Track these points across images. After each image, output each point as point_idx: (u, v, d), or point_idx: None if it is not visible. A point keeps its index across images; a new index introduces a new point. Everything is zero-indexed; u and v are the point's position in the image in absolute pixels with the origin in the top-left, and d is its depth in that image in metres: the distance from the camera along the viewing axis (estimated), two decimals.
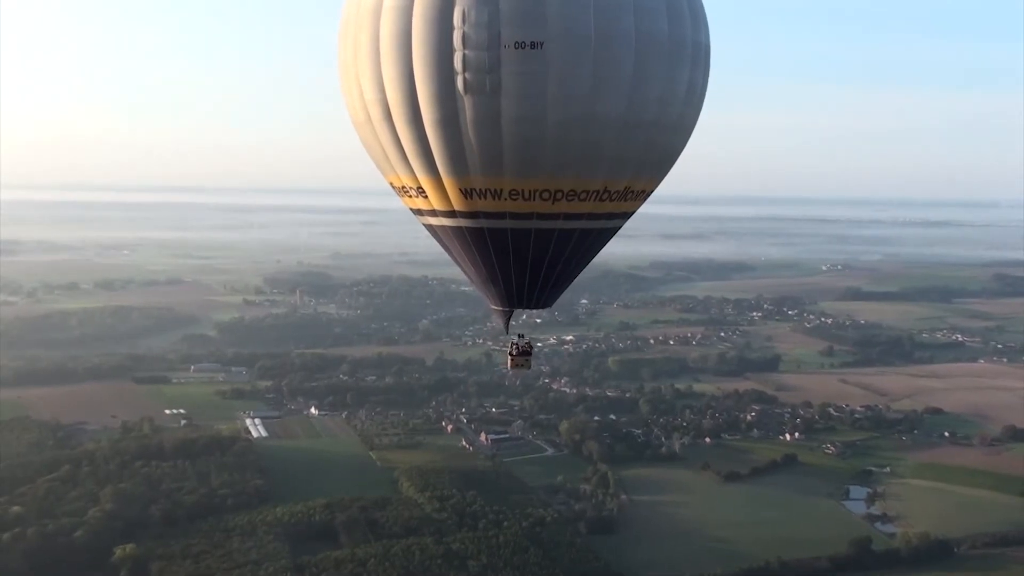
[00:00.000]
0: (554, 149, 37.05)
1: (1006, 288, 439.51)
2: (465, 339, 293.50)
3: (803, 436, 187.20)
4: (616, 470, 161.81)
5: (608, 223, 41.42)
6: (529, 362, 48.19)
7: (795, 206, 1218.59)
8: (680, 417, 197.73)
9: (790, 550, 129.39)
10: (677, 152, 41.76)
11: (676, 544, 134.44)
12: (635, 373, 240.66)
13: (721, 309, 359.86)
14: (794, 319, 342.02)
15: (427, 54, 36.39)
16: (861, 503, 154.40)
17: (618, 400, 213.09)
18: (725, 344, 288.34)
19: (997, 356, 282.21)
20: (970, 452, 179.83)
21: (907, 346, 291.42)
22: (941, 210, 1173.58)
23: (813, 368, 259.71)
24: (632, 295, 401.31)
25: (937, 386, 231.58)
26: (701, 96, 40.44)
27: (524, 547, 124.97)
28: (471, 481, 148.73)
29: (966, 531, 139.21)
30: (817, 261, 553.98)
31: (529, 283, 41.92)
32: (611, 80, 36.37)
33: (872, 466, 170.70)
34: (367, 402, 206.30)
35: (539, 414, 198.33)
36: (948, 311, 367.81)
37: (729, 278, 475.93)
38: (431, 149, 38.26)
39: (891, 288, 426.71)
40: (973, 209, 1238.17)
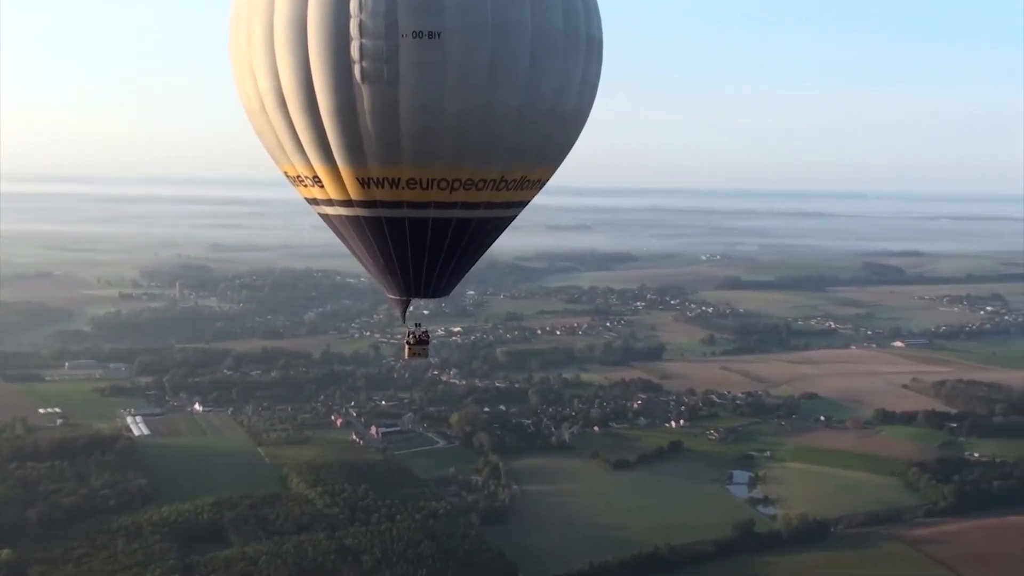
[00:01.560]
0: (452, 139, 37.24)
1: (874, 277, 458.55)
2: (352, 332, 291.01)
3: (688, 423, 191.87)
4: (507, 461, 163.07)
5: (505, 212, 41.92)
6: (426, 351, 48.57)
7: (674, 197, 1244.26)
8: (569, 407, 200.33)
9: (678, 535, 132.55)
10: (572, 142, 42.54)
11: (567, 532, 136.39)
12: (523, 364, 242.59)
13: (606, 299, 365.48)
14: (676, 308, 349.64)
15: (323, 42, 36.11)
16: (744, 487, 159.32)
17: (507, 391, 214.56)
18: (611, 334, 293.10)
19: (867, 342, 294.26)
20: (844, 435, 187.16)
21: (784, 334, 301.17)
22: (813, 201, 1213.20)
23: (695, 356, 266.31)
24: (519, 286, 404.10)
25: (813, 372, 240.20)
26: (594, 88, 41.26)
27: (418, 540, 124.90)
28: (362, 475, 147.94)
29: (842, 511, 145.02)
30: (697, 251, 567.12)
31: (427, 272, 42.12)
32: (508, 71, 36.75)
33: (753, 451, 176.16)
34: (253, 397, 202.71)
35: (429, 406, 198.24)
36: (821, 299, 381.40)
37: (613, 268, 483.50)
38: (327, 138, 38.00)
39: (768, 277, 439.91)
40: (842, 201, 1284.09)
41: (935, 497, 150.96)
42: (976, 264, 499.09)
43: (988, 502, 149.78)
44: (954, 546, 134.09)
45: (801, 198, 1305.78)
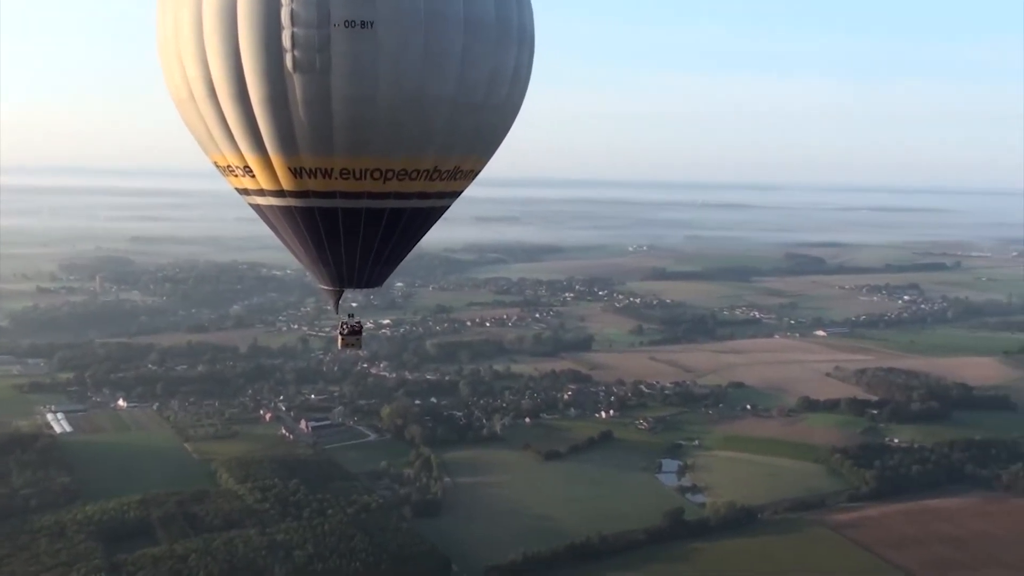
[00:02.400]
0: (385, 129, 37.10)
1: (796, 267, 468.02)
2: (279, 325, 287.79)
3: (617, 413, 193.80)
4: (439, 453, 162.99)
5: (438, 202, 41.91)
6: (360, 341, 48.13)
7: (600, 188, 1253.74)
8: (500, 398, 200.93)
9: (609, 524, 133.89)
10: (504, 132, 42.65)
11: (500, 523, 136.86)
12: (454, 356, 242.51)
13: (535, 291, 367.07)
14: (604, 299, 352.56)
15: (254, 31, 35.68)
16: (673, 475, 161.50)
17: (438, 383, 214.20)
18: (540, 325, 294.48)
19: (790, 331, 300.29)
20: (770, 423, 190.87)
21: (710, 323, 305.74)
22: (735, 193, 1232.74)
23: (624, 347, 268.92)
24: (447, 278, 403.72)
25: (738, 361, 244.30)
26: (526, 78, 41.39)
27: (350, 534, 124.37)
28: (293, 470, 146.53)
29: (768, 498, 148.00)
30: (623, 243, 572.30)
31: (360, 263, 41.96)
32: (441, 61, 36.70)
33: (682, 440, 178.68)
34: (179, 392, 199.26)
35: (359, 399, 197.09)
36: (746, 289, 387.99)
37: (541, 260, 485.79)
38: (259, 127, 37.58)
39: (693, 268, 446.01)
40: (764, 192, 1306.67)
41: (857, 482, 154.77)
42: (893, 254, 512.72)
43: (907, 486, 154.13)
44: (875, 530, 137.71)
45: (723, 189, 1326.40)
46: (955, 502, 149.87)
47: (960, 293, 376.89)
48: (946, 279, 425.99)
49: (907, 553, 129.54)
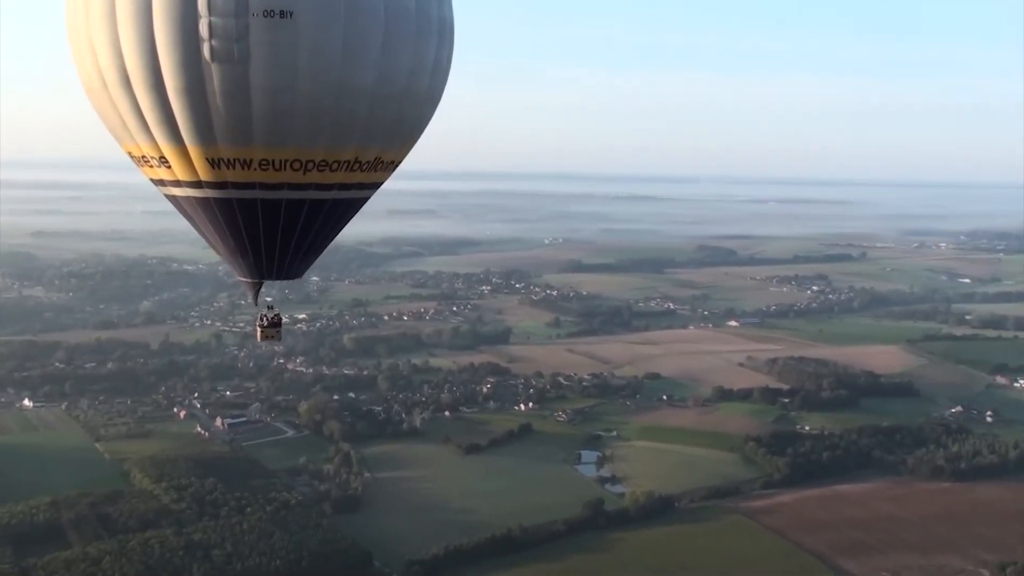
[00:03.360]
0: (305, 119, 36.67)
1: (709, 258, 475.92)
2: (192, 320, 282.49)
3: (536, 405, 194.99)
4: (358, 448, 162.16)
5: (359, 193, 41.66)
6: (279, 333, 47.67)
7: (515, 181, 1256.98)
8: (419, 392, 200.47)
9: (530, 516, 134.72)
10: (425, 123, 42.53)
11: (422, 518, 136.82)
12: (371, 350, 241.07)
13: (452, 284, 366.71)
14: (521, 292, 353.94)
15: (169, 19, 34.96)
16: (592, 467, 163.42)
17: (356, 378, 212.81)
18: (458, 318, 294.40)
19: (704, 322, 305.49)
20: (686, 413, 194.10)
21: (625, 315, 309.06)
22: (648, 185, 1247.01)
23: (542, 339, 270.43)
24: (363, 271, 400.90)
25: (654, 352, 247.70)
26: (447, 70, 41.35)
27: (269, 532, 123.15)
28: (209, 468, 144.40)
29: (685, 487, 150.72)
30: (539, 235, 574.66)
31: (279, 254, 41.43)
32: (361, 51, 36.45)
33: (600, 431, 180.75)
34: (88, 391, 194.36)
35: (276, 396, 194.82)
36: (660, 281, 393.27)
37: (458, 253, 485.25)
38: (175, 118, 36.80)
39: (609, 260, 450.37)
40: (676, 184, 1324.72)
41: (770, 470, 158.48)
42: (802, 246, 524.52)
43: (818, 473, 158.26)
44: (789, 516, 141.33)
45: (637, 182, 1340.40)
46: (864, 487, 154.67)
47: (866, 283, 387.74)
48: (852, 270, 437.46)
49: (819, 537, 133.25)
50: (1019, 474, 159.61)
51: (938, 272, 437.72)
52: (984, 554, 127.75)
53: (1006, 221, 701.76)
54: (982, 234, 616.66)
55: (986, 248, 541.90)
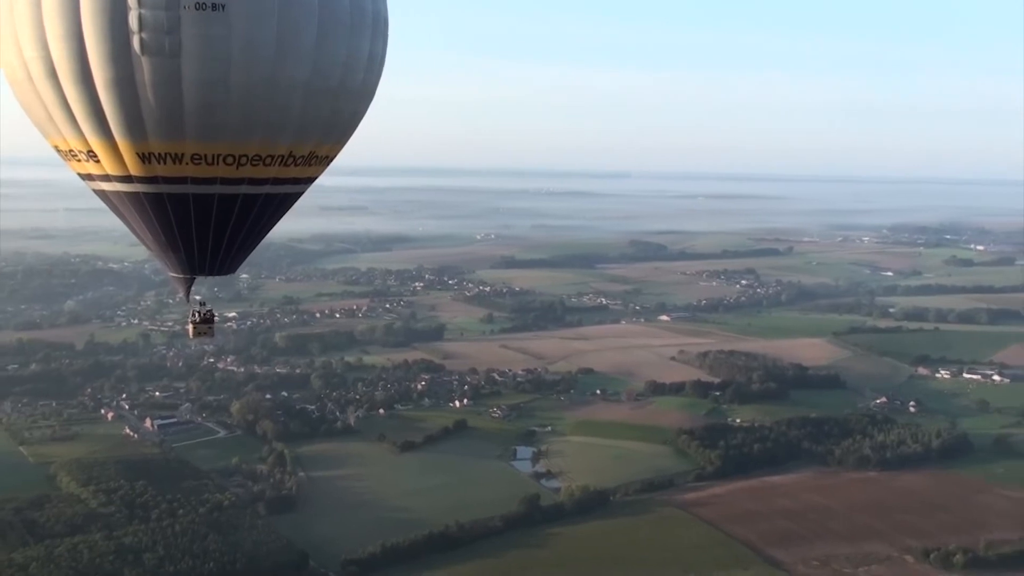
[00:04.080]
0: (238, 113, 36.44)
1: (640, 254, 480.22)
2: (118, 320, 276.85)
3: (471, 402, 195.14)
4: (292, 447, 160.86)
5: (293, 188, 41.46)
6: (212, 329, 47.25)
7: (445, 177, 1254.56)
8: (353, 390, 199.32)
9: (466, 513, 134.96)
10: (359, 118, 42.49)
11: (358, 516, 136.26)
12: (304, 348, 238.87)
13: (384, 280, 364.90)
14: (454, 288, 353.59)
15: (98, 11, 34.47)
16: (528, 462, 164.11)
17: (289, 376, 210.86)
18: (391, 315, 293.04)
19: (636, 317, 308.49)
20: (619, 407, 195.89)
21: (559, 311, 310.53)
22: (580, 180, 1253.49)
23: (476, 335, 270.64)
24: (294, 268, 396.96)
25: (587, 347, 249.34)
26: (381, 64, 41.32)
27: (203, 534, 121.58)
28: (139, 470, 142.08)
29: (620, 480, 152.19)
30: (471, 231, 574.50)
31: (212, 249, 41.11)
32: (295, 45, 36.24)
33: (535, 426, 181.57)
34: (11, 393, 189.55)
35: (207, 395, 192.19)
36: (592, 276, 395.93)
37: (390, 249, 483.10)
38: (104, 111, 36.34)
39: (541, 256, 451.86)
40: (607, 180, 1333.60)
41: (703, 462, 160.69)
42: (731, 241, 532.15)
43: (749, 464, 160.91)
44: (721, 507, 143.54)
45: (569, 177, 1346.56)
46: (793, 477, 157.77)
47: (793, 277, 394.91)
48: (780, 264, 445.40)
49: (750, 528, 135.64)
50: (941, 462, 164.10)
51: (862, 266, 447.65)
52: (909, 541, 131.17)
53: (926, 215, 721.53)
54: (903, 228, 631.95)
55: (907, 242, 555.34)
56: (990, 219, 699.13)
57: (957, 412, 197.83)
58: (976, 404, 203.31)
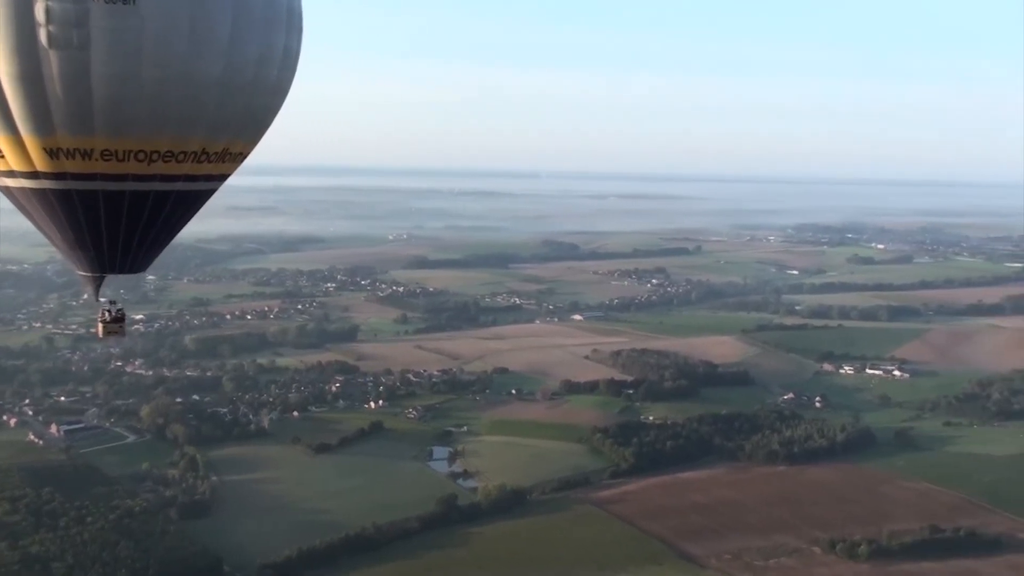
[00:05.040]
0: (150, 109, 35.78)
1: (552, 253, 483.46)
2: (19, 323, 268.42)
3: (387, 403, 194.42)
4: (205, 452, 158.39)
5: (206, 185, 40.90)
6: (123, 329, 46.43)
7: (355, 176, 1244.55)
8: (266, 393, 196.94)
9: (383, 514, 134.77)
10: (274, 115, 42.11)
11: (274, 520, 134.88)
12: (214, 350, 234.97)
13: (296, 281, 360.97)
14: (367, 289, 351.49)
15: (3, 3, 33.60)
16: (444, 462, 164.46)
17: (199, 379, 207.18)
18: (303, 316, 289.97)
19: (550, 316, 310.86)
20: (535, 407, 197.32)
21: (473, 310, 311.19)
22: (490, 180, 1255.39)
23: (390, 336, 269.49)
24: (203, 269, 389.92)
25: (502, 347, 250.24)
26: (296, 59, 41.02)
27: (113, 541, 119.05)
28: (45, 477, 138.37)
29: (536, 479, 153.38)
30: (383, 232, 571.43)
31: (122, 247, 40.32)
32: (208, 39, 35.84)
33: (451, 426, 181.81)
34: None
35: (115, 400, 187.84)
36: (506, 276, 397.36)
37: (300, 250, 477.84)
38: (8, 105, 35.37)
39: (454, 256, 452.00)
40: (518, 180, 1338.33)
41: (617, 460, 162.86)
42: (641, 240, 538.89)
43: (663, 461, 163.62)
44: (636, 504, 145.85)
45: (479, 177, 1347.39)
46: (705, 473, 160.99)
47: (702, 276, 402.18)
48: (689, 263, 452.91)
49: (664, 523, 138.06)
50: (846, 456, 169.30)
51: (768, 264, 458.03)
52: (817, 532, 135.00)
53: (830, 215, 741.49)
54: (807, 228, 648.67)
55: (811, 241, 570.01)
56: (889, 219, 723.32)
57: (860, 407, 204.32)
58: (878, 399, 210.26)
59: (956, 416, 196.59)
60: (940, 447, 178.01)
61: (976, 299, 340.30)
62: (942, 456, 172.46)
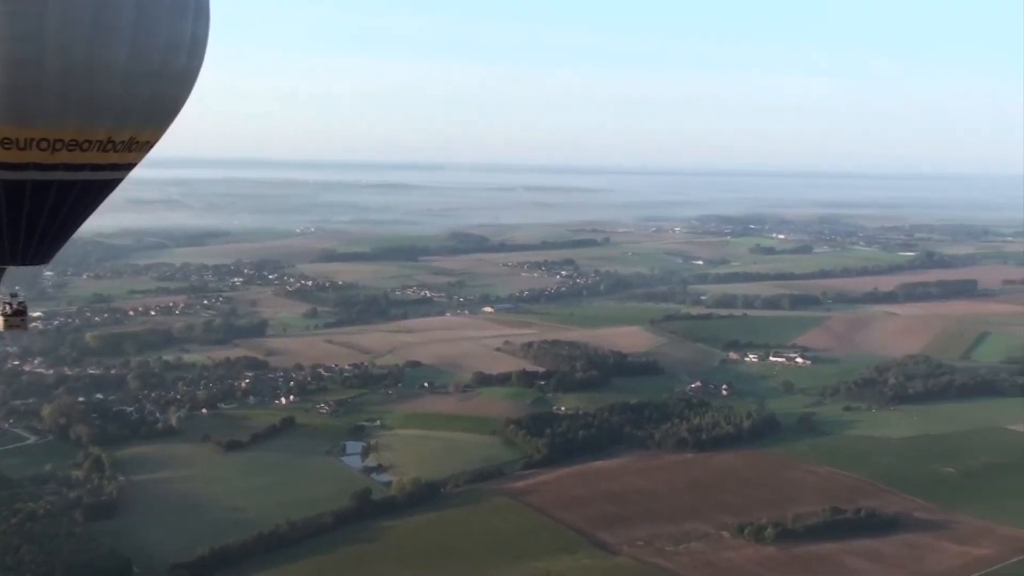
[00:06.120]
0: (54, 97, 34.97)
1: (461, 246, 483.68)
2: None
3: (298, 398, 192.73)
4: (110, 451, 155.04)
5: (112, 174, 40.08)
6: (25, 322, 45.48)
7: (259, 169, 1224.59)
8: (173, 390, 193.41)
9: (297, 510, 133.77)
10: (181, 103, 41.52)
11: (186, 519, 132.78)
12: (118, 348, 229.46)
13: (201, 276, 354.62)
14: (275, 283, 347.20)
15: None
16: (357, 457, 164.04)
17: (103, 378, 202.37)
18: (210, 312, 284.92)
19: (460, 309, 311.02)
20: (447, 399, 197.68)
21: (383, 304, 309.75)
22: (397, 173, 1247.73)
23: (299, 330, 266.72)
24: (103, 265, 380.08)
25: (413, 340, 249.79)
26: (203, 49, 40.56)
27: (15, 546, 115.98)
28: None
29: (450, 472, 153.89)
30: (289, 225, 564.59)
31: (24, 238, 39.28)
32: (114, 26, 35.21)
33: (364, 421, 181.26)
34: None
35: (14, 400, 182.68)
36: (415, 269, 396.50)
37: (205, 244, 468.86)
38: None
39: (363, 249, 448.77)
40: (424, 172, 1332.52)
41: (531, 451, 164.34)
42: (550, 232, 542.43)
43: (575, 451, 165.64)
44: (549, 493, 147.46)
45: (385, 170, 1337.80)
46: (617, 462, 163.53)
47: (610, 267, 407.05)
48: (597, 254, 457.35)
49: (578, 513, 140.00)
50: (752, 442, 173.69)
51: (674, 255, 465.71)
52: (725, 517, 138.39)
53: (732, 207, 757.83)
54: (711, 219, 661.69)
55: (715, 232, 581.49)
56: (789, 210, 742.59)
57: (765, 394, 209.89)
58: (782, 386, 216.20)
59: (855, 401, 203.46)
60: (840, 431, 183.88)
61: (872, 287, 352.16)
62: (842, 440, 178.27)
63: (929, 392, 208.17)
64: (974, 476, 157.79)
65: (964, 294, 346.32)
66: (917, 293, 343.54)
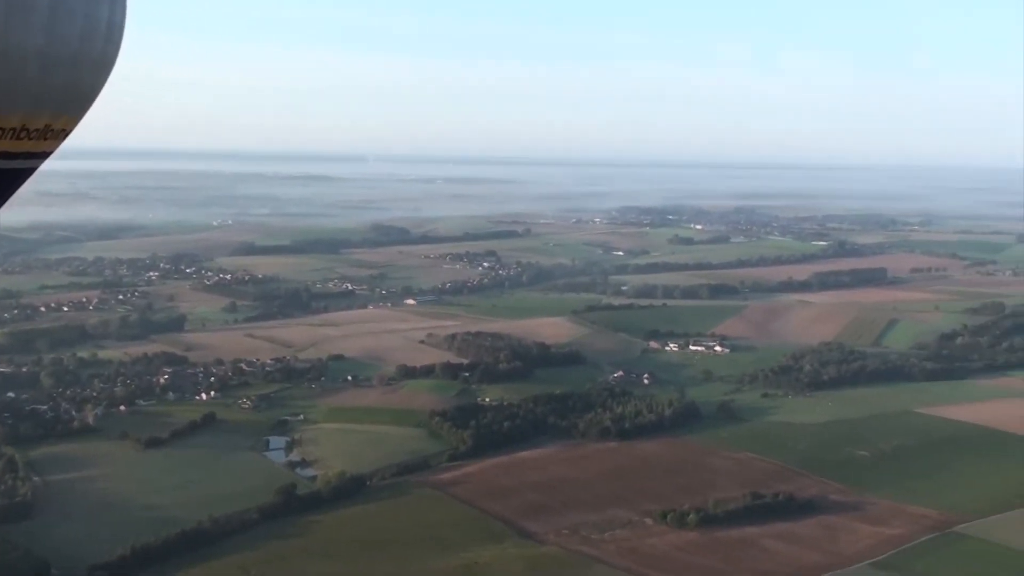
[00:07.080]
0: None
1: (383, 238, 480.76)
2: None
3: (219, 394, 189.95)
4: (24, 451, 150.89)
5: (26, 163, 39.24)
6: None
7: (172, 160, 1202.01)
8: (89, 387, 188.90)
9: (221, 507, 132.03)
10: (98, 90, 40.95)
11: (104, 519, 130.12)
12: (29, 345, 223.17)
13: (115, 270, 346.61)
14: (193, 277, 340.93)
15: None
16: (281, 452, 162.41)
17: (14, 376, 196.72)
18: (125, 307, 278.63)
19: (383, 301, 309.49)
20: (371, 392, 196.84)
21: (304, 297, 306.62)
22: (316, 164, 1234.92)
23: (219, 325, 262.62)
24: (11, 259, 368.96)
25: (336, 334, 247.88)
26: (120, 34, 39.99)
27: None
28: None
29: (375, 465, 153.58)
30: (206, 218, 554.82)
31: None
32: (27, 9, 34.31)
33: (287, 415, 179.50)
34: None
35: None
36: (336, 261, 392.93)
37: (119, 237, 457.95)
38: None
39: (283, 242, 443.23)
40: (344, 164, 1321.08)
41: (456, 442, 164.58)
42: (471, 223, 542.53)
43: (500, 442, 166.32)
44: (475, 485, 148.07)
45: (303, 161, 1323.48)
46: (542, 452, 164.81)
47: (532, 259, 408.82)
48: (519, 246, 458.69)
49: (504, 503, 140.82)
50: (674, 430, 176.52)
51: (595, 246, 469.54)
52: (649, 505, 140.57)
53: (650, 198, 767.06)
54: (631, 210, 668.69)
55: (634, 223, 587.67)
56: (706, 201, 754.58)
57: (685, 382, 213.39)
58: (702, 374, 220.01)
59: (772, 388, 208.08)
60: (759, 418, 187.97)
61: (787, 276, 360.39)
62: (761, 426, 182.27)
63: (842, 378, 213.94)
64: (885, 459, 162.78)
65: (874, 282, 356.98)
66: (830, 282, 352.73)
